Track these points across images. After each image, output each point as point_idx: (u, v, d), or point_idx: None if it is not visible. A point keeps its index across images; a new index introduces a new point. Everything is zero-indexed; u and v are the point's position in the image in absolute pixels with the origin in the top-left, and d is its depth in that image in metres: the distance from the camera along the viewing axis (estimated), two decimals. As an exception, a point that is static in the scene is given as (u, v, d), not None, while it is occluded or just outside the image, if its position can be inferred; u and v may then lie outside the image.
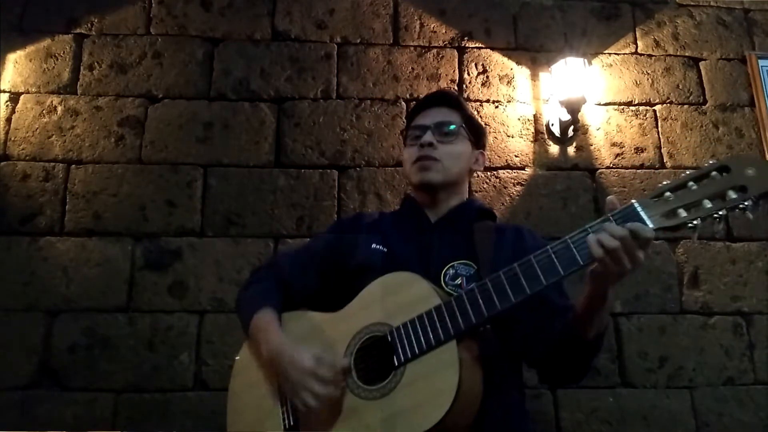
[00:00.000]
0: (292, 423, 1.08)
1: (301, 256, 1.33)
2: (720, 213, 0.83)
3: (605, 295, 0.94)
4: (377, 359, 1.04)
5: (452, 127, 1.29)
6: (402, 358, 0.99)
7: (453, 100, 1.38)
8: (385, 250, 1.22)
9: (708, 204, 0.84)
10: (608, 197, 0.95)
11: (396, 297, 1.06)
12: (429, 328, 0.98)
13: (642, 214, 0.88)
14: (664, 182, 0.89)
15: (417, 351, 0.98)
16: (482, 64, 2.32)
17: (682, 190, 0.87)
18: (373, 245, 1.23)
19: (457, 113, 1.33)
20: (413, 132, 1.33)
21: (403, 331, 1.01)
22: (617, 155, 2.25)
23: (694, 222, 0.85)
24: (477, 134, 1.36)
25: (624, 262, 0.87)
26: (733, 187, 0.83)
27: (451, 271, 1.15)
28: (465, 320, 0.97)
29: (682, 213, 0.86)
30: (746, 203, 0.82)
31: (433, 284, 1.06)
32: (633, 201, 0.90)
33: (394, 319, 1.03)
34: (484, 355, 1.00)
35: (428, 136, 1.27)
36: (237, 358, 1.23)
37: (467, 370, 0.95)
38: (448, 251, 1.18)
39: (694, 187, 0.86)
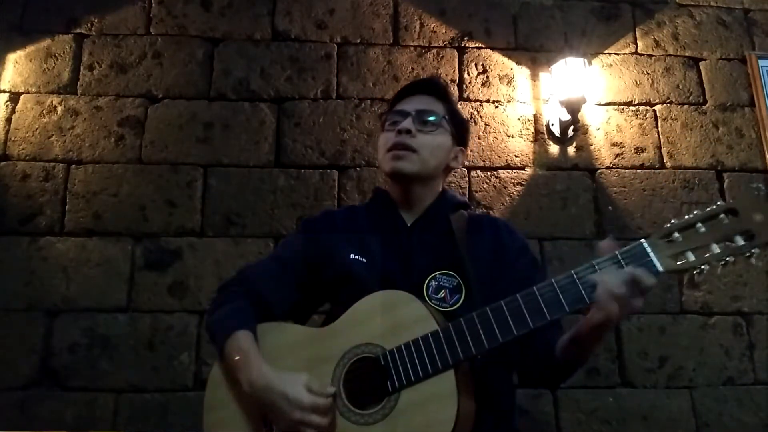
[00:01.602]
0: None
1: (273, 268, 1.22)
2: (727, 259, 0.84)
3: (600, 336, 0.95)
4: (368, 381, 0.99)
5: (434, 117, 1.22)
6: (397, 384, 0.96)
7: (439, 89, 1.31)
8: (365, 260, 1.16)
9: (716, 249, 0.85)
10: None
11: (390, 317, 1.01)
12: (426, 355, 0.95)
13: (651, 255, 0.88)
14: (673, 221, 0.89)
15: (413, 378, 0.95)
16: (482, 64, 2.32)
17: (690, 231, 0.87)
18: (352, 255, 1.16)
19: (441, 104, 1.26)
20: (392, 117, 1.26)
21: (397, 355, 0.97)
22: (617, 155, 2.25)
23: (702, 267, 0.86)
24: (460, 129, 1.29)
25: (625, 307, 0.87)
26: (740, 232, 0.84)
27: (434, 284, 1.11)
28: (464, 350, 0.94)
29: (691, 257, 0.86)
30: (753, 251, 0.83)
31: (428, 304, 1.03)
32: (642, 240, 0.89)
33: (387, 341, 0.99)
34: (475, 377, 0.99)
35: (407, 123, 1.20)
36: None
37: (464, 399, 0.93)
38: (430, 261, 1.14)
39: (702, 229, 0.86)
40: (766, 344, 2.07)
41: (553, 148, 2.24)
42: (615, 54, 2.37)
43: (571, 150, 2.24)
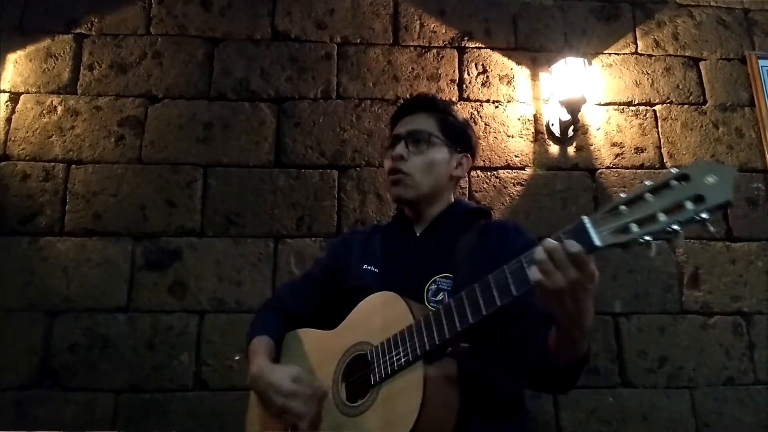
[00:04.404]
0: None
1: (301, 284, 1.41)
2: (674, 227, 0.74)
3: (566, 332, 0.90)
4: (362, 377, 1.06)
5: (423, 134, 1.27)
6: (377, 378, 1.02)
7: (428, 104, 1.35)
8: (377, 270, 1.23)
9: (662, 217, 0.75)
10: None
11: (378, 316, 1.08)
12: (400, 348, 1.00)
13: (589, 229, 0.81)
14: (621, 194, 0.81)
15: (389, 371, 1.00)
16: (482, 64, 2.32)
17: (638, 203, 0.78)
18: (365, 266, 1.25)
19: (433, 118, 1.30)
20: (389, 142, 1.33)
21: (380, 351, 1.03)
22: (617, 155, 2.25)
23: (646, 238, 0.76)
24: (457, 138, 1.32)
25: (554, 278, 0.82)
26: (690, 197, 0.74)
27: (433, 287, 1.14)
28: (429, 340, 0.97)
29: (634, 228, 0.77)
30: (703, 215, 0.72)
31: (414, 303, 1.06)
32: (583, 217, 0.83)
33: (374, 338, 1.06)
34: (465, 373, 0.99)
35: (400, 148, 1.27)
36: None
37: (435, 389, 0.94)
38: (430, 266, 1.18)
39: (651, 198, 0.77)
40: (766, 344, 2.07)
41: (553, 148, 2.24)
42: (615, 54, 2.37)
43: (571, 150, 2.24)
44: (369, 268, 1.24)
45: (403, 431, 0.91)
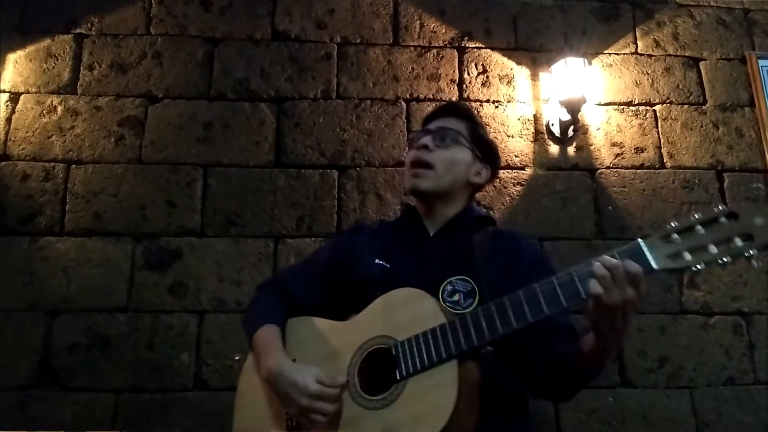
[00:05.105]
0: (295, 424, 1.13)
1: (305, 270, 1.38)
2: (725, 260, 0.85)
3: (604, 344, 0.97)
4: (381, 371, 1.06)
5: (450, 133, 1.31)
6: (404, 372, 1.02)
7: (462, 111, 1.42)
8: (388, 265, 1.24)
9: (714, 249, 0.85)
10: None
11: (403, 312, 1.09)
12: (432, 346, 1.01)
13: (646, 253, 0.90)
14: (673, 223, 0.90)
15: (419, 366, 1.01)
16: (482, 64, 2.32)
17: (689, 233, 0.88)
18: (376, 260, 1.25)
19: (463, 123, 1.35)
20: (416, 135, 1.38)
21: (407, 346, 1.04)
22: (617, 155, 2.25)
23: (698, 267, 0.87)
24: (482, 147, 1.36)
25: (612, 294, 0.88)
26: (740, 234, 0.84)
27: (449, 287, 1.16)
28: (467, 341, 0.99)
29: (687, 256, 0.87)
30: (751, 252, 0.83)
31: (440, 304, 1.08)
32: (639, 240, 0.91)
33: (399, 333, 1.06)
34: (484, 375, 1.02)
35: (426, 140, 1.30)
36: (236, 358, 1.27)
37: (466, 389, 0.97)
38: (446, 267, 1.20)
39: (702, 231, 0.87)
40: (766, 344, 2.07)
41: (553, 148, 2.24)
42: (615, 54, 2.37)
43: (571, 150, 2.24)
44: (380, 262, 1.25)
45: (437, 425, 0.93)
